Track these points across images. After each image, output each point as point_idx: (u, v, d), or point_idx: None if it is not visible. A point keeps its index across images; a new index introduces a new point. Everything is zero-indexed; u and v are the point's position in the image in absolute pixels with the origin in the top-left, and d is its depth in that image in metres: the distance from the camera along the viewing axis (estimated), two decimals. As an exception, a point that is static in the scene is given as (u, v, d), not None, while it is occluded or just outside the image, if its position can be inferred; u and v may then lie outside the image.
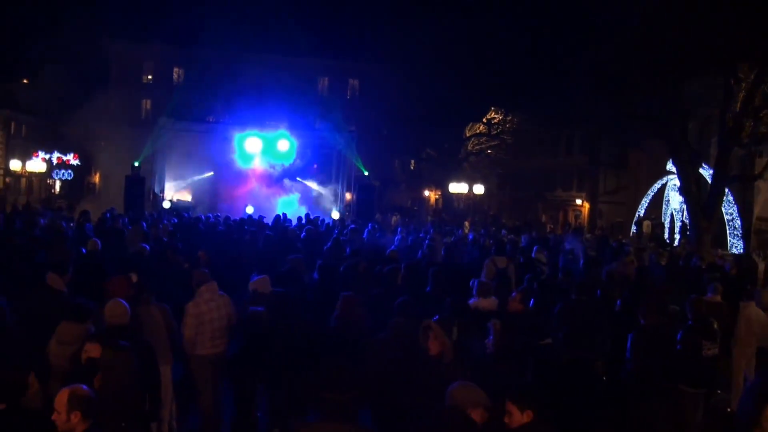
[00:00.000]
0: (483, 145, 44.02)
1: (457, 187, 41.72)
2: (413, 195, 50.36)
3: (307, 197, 28.35)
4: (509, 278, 9.23)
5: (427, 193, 51.42)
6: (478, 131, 44.46)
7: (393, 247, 12.15)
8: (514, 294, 6.99)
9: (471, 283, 7.53)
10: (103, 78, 46.67)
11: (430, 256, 10.95)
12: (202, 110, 37.24)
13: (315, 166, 30.49)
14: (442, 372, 4.76)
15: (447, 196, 45.23)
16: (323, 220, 19.03)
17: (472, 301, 7.14)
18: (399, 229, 17.73)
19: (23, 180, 51.83)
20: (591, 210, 43.17)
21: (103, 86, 44.38)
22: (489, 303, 7.13)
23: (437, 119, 40.73)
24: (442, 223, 27.10)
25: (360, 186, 26.46)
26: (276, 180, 28.71)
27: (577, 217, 43.83)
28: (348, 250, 11.68)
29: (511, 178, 47.77)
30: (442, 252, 11.35)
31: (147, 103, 47.77)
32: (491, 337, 5.70)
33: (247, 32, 41.09)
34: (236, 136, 26.16)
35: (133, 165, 23.39)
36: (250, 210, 23.18)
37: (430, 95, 39.08)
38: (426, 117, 40.62)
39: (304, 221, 17.56)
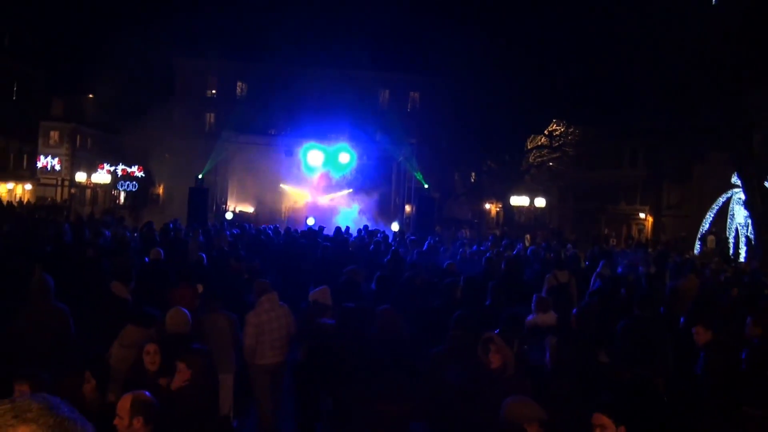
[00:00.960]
0: (544, 158, 43.51)
1: (519, 200, 41.36)
2: (473, 208, 50.06)
3: (367, 209, 28.52)
4: (570, 293, 9.09)
5: (487, 205, 51.04)
6: (539, 143, 44.00)
7: (452, 259, 12.11)
8: (575, 310, 6.88)
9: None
10: (167, 92, 48.17)
11: (490, 270, 10.85)
12: (265, 123, 37.92)
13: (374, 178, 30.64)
14: (504, 386, 4.69)
15: (508, 209, 44.83)
16: (383, 232, 19.08)
17: (531, 317, 7.06)
18: (459, 242, 17.64)
19: (88, 191, 53.39)
20: (654, 224, 42.17)
21: (168, 100, 45.83)
22: (548, 318, 7.03)
23: (498, 131, 40.46)
24: (502, 236, 26.86)
25: (420, 198, 26.40)
26: (336, 192, 29.03)
27: (640, 231, 42.82)
28: (408, 261, 11.70)
29: (573, 190, 47.10)
30: (502, 265, 11.24)
31: (210, 117, 48.86)
32: (548, 354, 5.63)
33: (308, 46, 41.77)
34: (301, 148, 26.51)
35: (196, 177, 23.90)
36: (311, 222, 23.42)
37: (491, 107, 38.89)
38: (487, 129, 40.42)
39: (363, 233, 17.65)
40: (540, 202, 39.90)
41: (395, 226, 24.52)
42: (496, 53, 37.12)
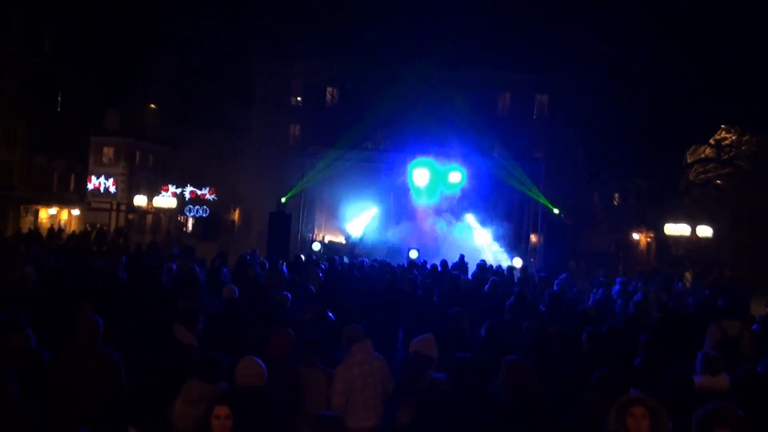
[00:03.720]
0: (710, 174, 42.27)
1: (676, 229, 40.10)
2: (617, 238, 48.98)
3: (480, 240, 28.43)
4: (743, 349, 8.68)
5: (635, 236, 49.86)
6: (702, 156, 42.73)
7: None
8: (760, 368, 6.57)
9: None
10: (243, 100, 49.07)
11: (640, 317, 10.53)
12: (360, 136, 38.49)
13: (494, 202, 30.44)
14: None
15: (662, 240, 43.58)
16: (499, 268, 18.91)
17: (697, 379, 6.78)
18: (598, 281, 17.25)
19: (149, 217, 54.72)
20: None
21: (244, 109, 46.91)
22: (718, 382, 6.72)
23: (649, 142, 39.59)
24: (655, 273, 26.08)
25: (549, 226, 26.02)
26: (446, 219, 29.01)
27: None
28: (542, 306, 11.57)
29: (749, 216, 45.22)
30: (654, 311, 10.89)
31: (295, 129, 49.75)
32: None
33: (411, 43, 42.43)
34: (408, 166, 26.74)
35: (278, 200, 24.39)
36: (413, 255, 23.46)
37: (640, 112, 38.18)
38: (634, 140, 39.66)
39: (476, 270, 17.56)
40: (704, 231, 38.56)
41: (518, 261, 24.25)
42: (643, 44, 36.50)
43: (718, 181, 42.28)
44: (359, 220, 30.32)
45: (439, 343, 7.14)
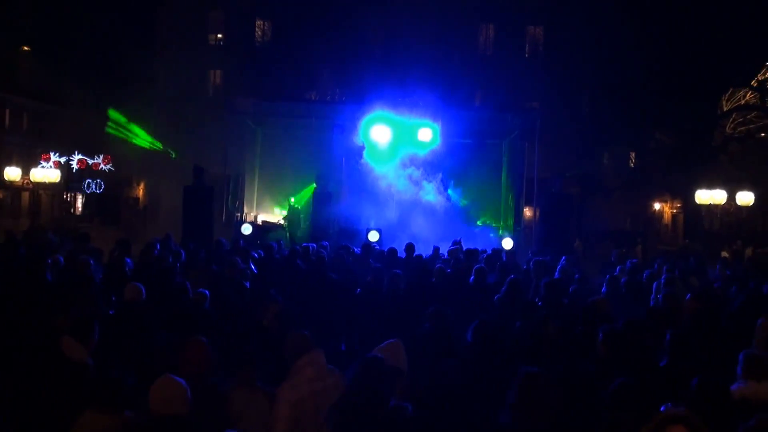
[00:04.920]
0: (751, 126, 42.59)
1: (709, 196, 40.41)
2: (634, 209, 49.41)
3: (459, 213, 28.47)
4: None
5: (657, 205, 50.39)
6: (743, 102, 43.07)
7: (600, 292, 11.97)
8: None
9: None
10: (147, 39, 48.59)
11: (665, 312, 10.62)
12: (301, 84, 38.29)
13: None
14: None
15: (692, 211, 44.01)
16: (491, 251, 18.92)
17: (736, 386, 6.87)
18: (613, 265, 17.39)
19: (24, 195, 54.31)
20: None
21: (148, 52, 46.48)
22: (765, 389, 6.84)
23: (673, 86, 39.72)
24: (683, 254, 26.34)
25: (546, 196, 26.18)
26: (412, 187, 28.96)
27: None
28: (539, 300, 11.60)
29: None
30: (684, 302, 10.98)
31: (215, 76, 49.57)
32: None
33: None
34: (360, 122, 26.64)
35: (195, 169, 24.15)
36: (373, 237, 23.45)
37: (661, 48, 38.30)
38: (654, 84, 39.82)
39: (455, 253, 17.63)
40: (745, 197, 38.91)
41: (508, 242, 24.35)
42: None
43: (762, 134, 42.71)
44: (302, 194, 30.29)
45: (412, 351, 7.14)
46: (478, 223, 29.26)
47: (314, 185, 28.95)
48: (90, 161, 44.72)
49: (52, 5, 44.50)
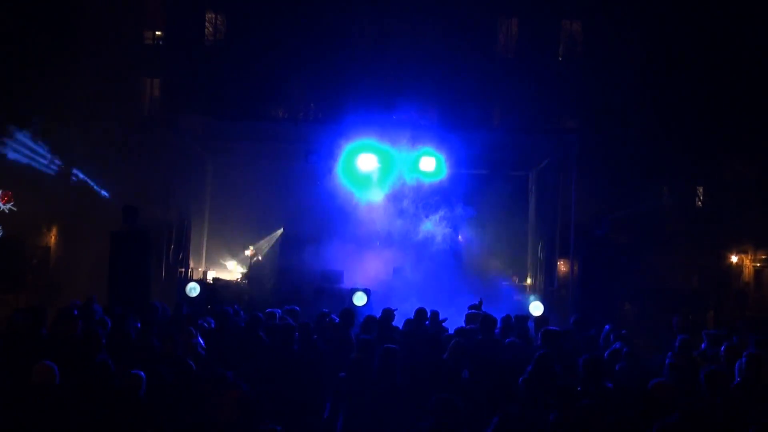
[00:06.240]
0: None
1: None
2: (703, 262, 49.36)
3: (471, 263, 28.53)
4: None
5: (734, 257, 50.49)
6: None
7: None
8: None
9: None
10: (64, 34, 48.37)
11: (746, 401, 10.70)
12: (265, 97, 38.34)
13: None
14: None
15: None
16: (507, 321, 18.95)
17: None
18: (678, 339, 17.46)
19: None
20: None
21: (65, 52, 46.42)
22: None
23: (754, 98, 39.80)
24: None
25: (588, 245, 26.14)
26: (411, 226, 29.04)
27: None
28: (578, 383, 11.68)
29: None
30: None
31: (152, 85, 49.36)
32: None
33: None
34: (342, 149, 26.74)
35: (126, 210, 24.17)
36: (359, 301, 23.48)
37: (737, 47, 38.49)
38: (729, 94, 39.91)
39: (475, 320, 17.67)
40: None
41: (537, 307, 24.38)
42: None
43: None
44: (267, 241, 30.35)
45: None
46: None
47: (281, 230, 29.03)
48: (-20, 195, 44.70)
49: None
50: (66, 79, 42.51)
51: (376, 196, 28.41)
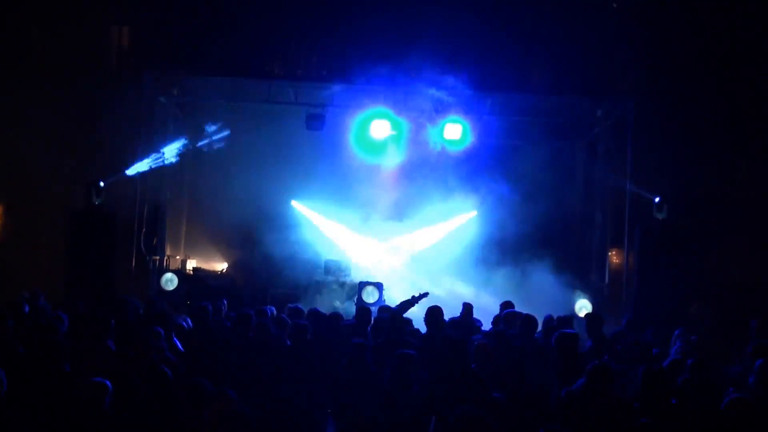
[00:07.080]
0: None
1: None
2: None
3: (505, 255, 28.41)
4: None
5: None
6: None
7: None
8: None
9: None
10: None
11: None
12: (257, 50, 38.19)
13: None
14: None
15: None
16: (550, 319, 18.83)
17: None
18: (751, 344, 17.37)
19: None
20: None
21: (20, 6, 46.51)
22: None
23: None
24: None
25: (646, 233, 25.94)
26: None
27: None
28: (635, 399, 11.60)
29: None
30: None
31: (120, 34, 49.22)
32: None
33: None
34: (354, 117, 26.66)
35: (90, 185, 24.04)
36: (370, 297, 23.47)
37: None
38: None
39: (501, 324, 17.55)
40: None
41: (583, 306, 24.33)
42: None
43: None
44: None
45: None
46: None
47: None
48: None
49: None
50: (21, 30, 42.55)
51: (390, 165, 28.35)
